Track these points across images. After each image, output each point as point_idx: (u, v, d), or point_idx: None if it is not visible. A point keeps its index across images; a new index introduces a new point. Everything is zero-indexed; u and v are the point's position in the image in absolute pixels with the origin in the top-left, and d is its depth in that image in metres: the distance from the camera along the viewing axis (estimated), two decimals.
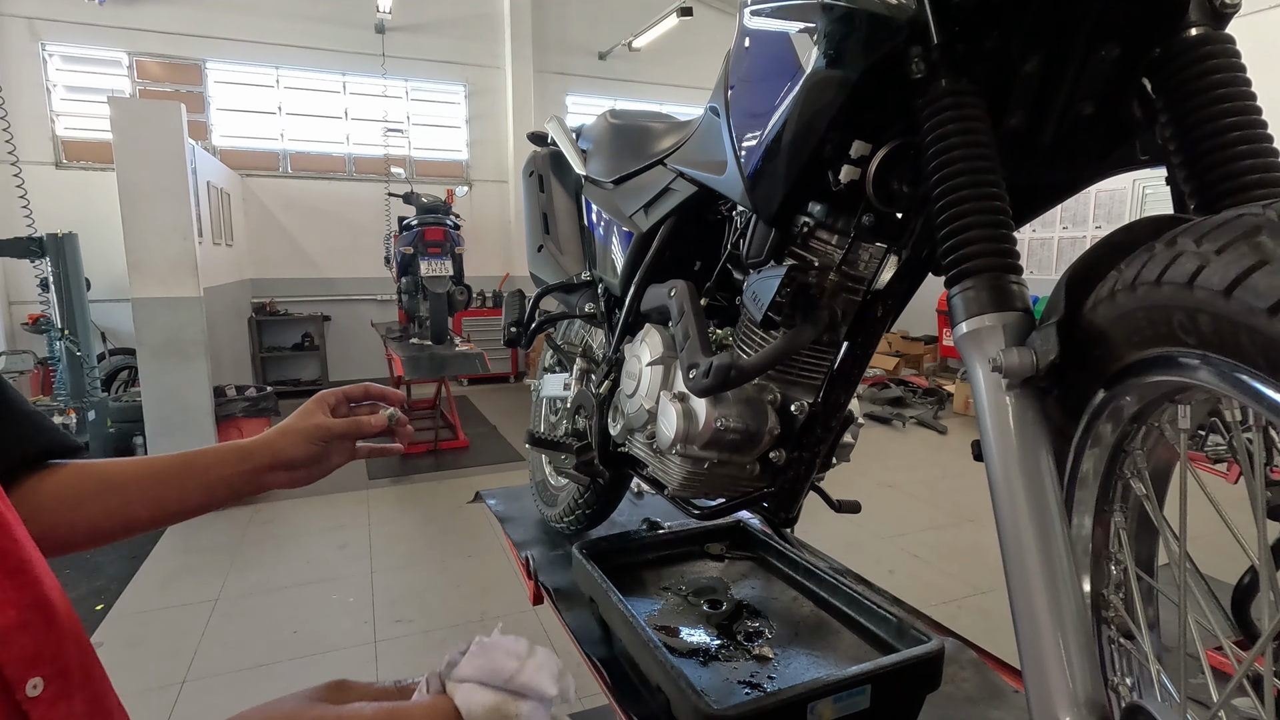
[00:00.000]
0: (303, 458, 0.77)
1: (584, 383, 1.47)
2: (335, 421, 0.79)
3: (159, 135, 3.94)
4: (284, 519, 4.11)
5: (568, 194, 1.71)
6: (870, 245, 0.89)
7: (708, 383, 0.89)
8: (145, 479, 0.71)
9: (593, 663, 1.22)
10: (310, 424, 0.78)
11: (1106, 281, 0.51)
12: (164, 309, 4.02)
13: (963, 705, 1.13)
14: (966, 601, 3.14)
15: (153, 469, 0.72)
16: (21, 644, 0.44)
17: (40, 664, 0.45)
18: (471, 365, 4.83)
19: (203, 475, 0.73)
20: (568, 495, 1.70)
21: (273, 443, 0.77)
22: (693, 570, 1.42)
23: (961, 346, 0.62)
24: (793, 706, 0.90)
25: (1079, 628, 0.51)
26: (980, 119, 0.67)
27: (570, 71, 8.49)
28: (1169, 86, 0.64)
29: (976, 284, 0.62)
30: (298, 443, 0.77)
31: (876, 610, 1.16)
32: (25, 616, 0.45)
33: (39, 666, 0.45)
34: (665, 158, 1.27)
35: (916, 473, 4.90)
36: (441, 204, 5.50)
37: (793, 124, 0.80)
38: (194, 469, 0.73)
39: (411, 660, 2.68)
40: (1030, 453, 0.56)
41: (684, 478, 1.06)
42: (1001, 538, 0.57)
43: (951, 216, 0.65)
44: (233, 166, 6.85)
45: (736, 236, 1.06)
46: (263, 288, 7.51)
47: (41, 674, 0.45)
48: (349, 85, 7.64)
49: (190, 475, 0.73)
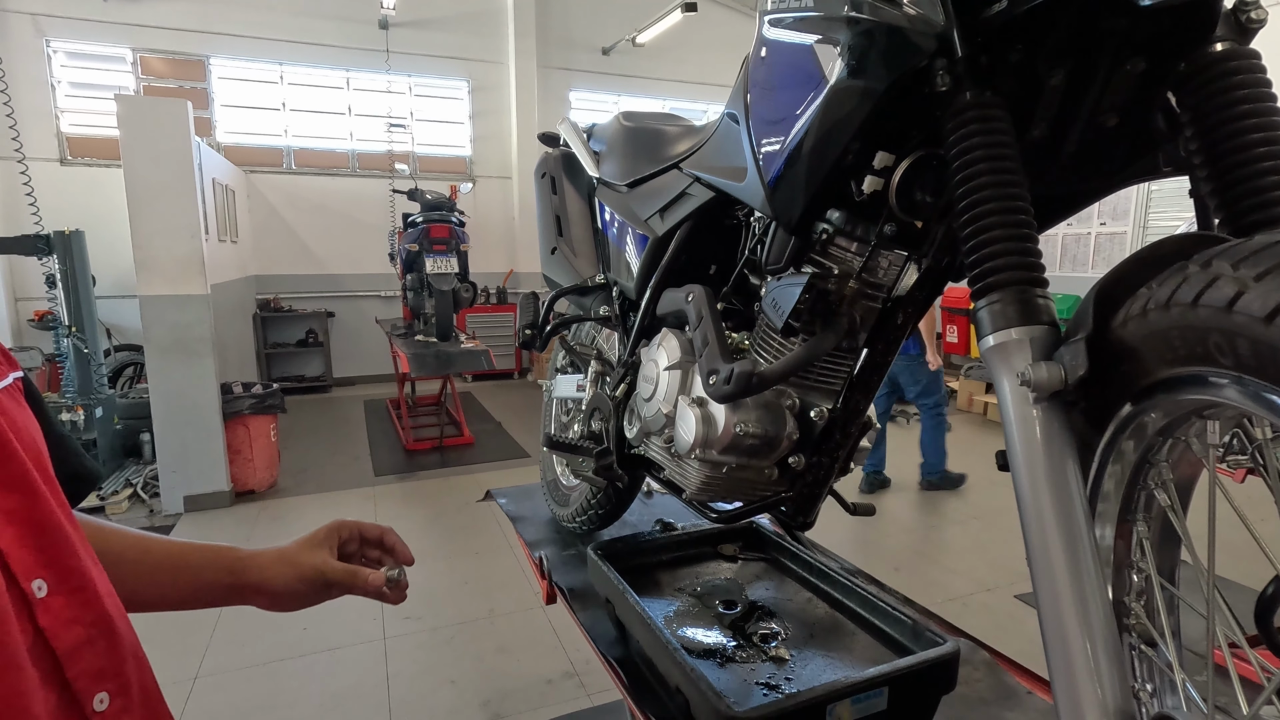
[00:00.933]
0: (288, 594, 0.75)
1: (599, 385, 1.48)
2: (334, 569, 0.76)
3: (166, 133, 3.94)
4: (292, 516, 4.13)
5: (580, 196, 1.71)
6: (890, 253, 0.89)
7: (729, 389, 0.90)
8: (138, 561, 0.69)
9: (609, 663, 1.23)
10: (309, 564, 0.75)
11: (1138, 299, 0.51)
12: (172, 307, 4.03)
13: (976, 706, 1.15)
14: (972, 599, 3.16)
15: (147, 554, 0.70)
16: (89, 659, 0.45)
17: (105, 679, 0.47)
18: (477, 362, 4.85)
19: (191, 577, 0.72)
20: (580, 495, 1.71)
21: (266, 569, 0.74)
22: (706, 571, 1.43)
23: (988, 359, 0.63)
24: (812, 708, 0.91)
25: (1107, 638, 0.52)
26: (1005, 131, 0.68)
27: (574, 67, 8.47)
28: (1194, 100, 0.65)
29: (1003, 297, 0.63)
30: (291, 580, 0.75)
31: (891, 612, 1.17)
32: (91, 633, 0.46)
33: (104, 681, 0.46)
34: (681, 162, 1.27)
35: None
36: (446, 200, 5.50)
37: (816, 133, 0.81)
38: (185, 568, 0.72)
39: (421, 658, 2.70)
40: (1057, 465, 0.57)
41: (702, 482, 1.07)
42: (1029, 548, 0.58)
43: (977, 230, 0.66)
44: (237, 163, 6.86)
45: (754, 242, 1.06)
46: (267, 284, 7.52)
47: (107, 689, 0.46)
48: (352, 81, 7.63)
49: (179, 572, 0.71)
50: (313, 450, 5.39)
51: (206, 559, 0.73)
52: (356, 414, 6.62)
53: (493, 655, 2.74)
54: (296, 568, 0.75)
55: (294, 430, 5.86)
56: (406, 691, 2.52)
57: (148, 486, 4.33)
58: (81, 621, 0.46)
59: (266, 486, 4.45)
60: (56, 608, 0.45)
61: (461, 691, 2.53)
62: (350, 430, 6.02)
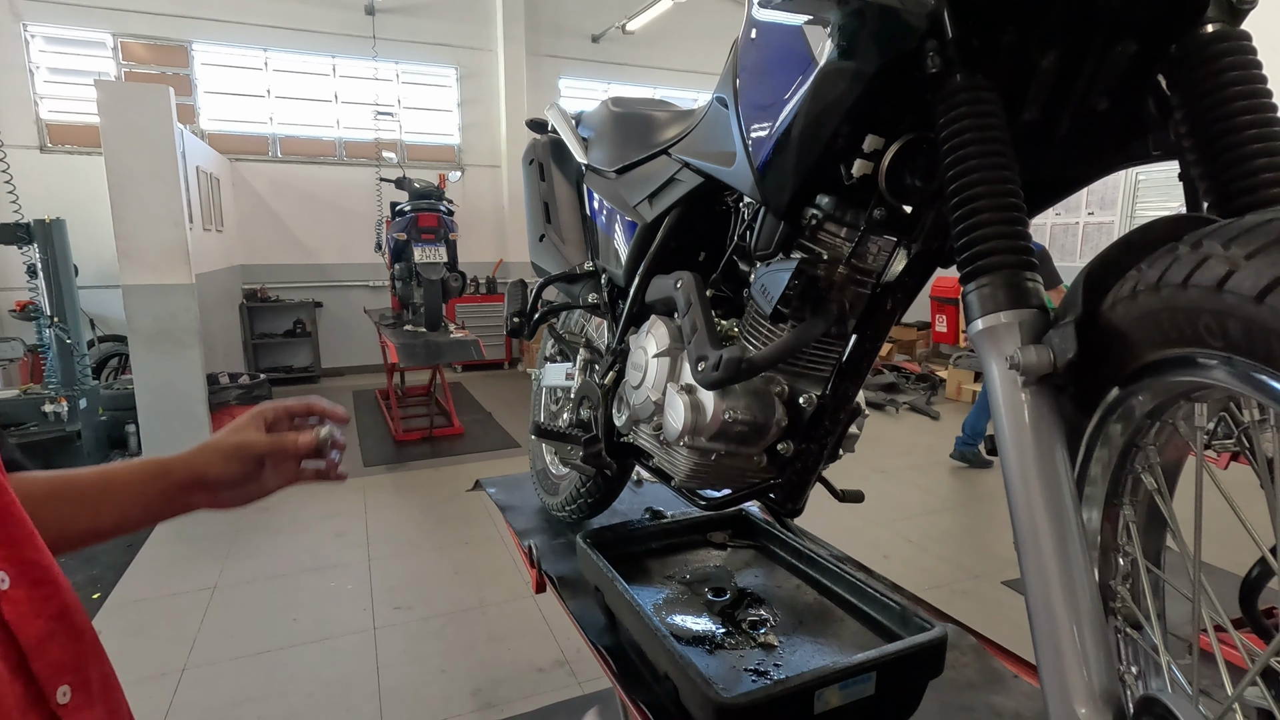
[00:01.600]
0: (224, 477, 0.71)
1: (588, 373, 1.47)
2: (256, 439, 0.73)
3: (147, 119, 3.88)
4: (279, 507, 4.10)
5: (569, 182, 1.70)
6: (880, 239, 0.89)
7: (717, 376, 0.89)
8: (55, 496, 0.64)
9: (598, 651, 1.23)
10: (231, 441, 0.72)
11: (1127, 281, 0.51)
12: (156, 296, 3.98)
13: (964, 691, 1.15)
14: (959, 585, 3.19)
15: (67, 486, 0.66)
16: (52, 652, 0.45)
17: (67, 672, 0.46)
18: (466, 352, 4.82)
19: (117, 493, 0.68)
20: (569, 484, 1.71)
21: (191, 459, 0.71)
22: (696, 559, 1.43)
23: (977, 343, 0.63)
24: (800, 694, 0.91)
25: (1094, 622, 0.52)
26: (996, 114, 0.67)
27: (563, 54, 8.39)
28: (1185, 83, 0.64)
29: (992, 281, 0.62)
30: (216, 460, 0.71)
31: (878, 598, 1.17)
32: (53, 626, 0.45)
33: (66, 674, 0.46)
34: (670, 147, 1.26)
35: (909, 459, 4.94)
36: (434, 189, 5.45)
37: (805, 117, 0.80)
38: (109, 487, 0.68)
39: (411, 647, 2.70)
40: (1046, 449, 0.57)
41: (691, 469, 1.06)
42: (1017, 532, 0.57)
43: (967, 213, 0.65)
44: (222, 151, 6.76)
45: (744, 228, 1.05)
46: (253, 274, 7.44)
47: (68, 682, 0.46)
48: (339, 68, 7.53)
49: (104, 494, 0.67)
50: None
51: (133, 472, 0.69)
52: (345, 404, 6.57)
53: (484, 644, 2.74)
54: (220, 450, 0.72)
55: None
56: (397, 681, 2.51)
57: None
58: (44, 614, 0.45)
59: None
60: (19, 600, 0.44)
61: (452, 680, 2.53)
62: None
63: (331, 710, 2.34)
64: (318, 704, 2.36)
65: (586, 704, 2.39)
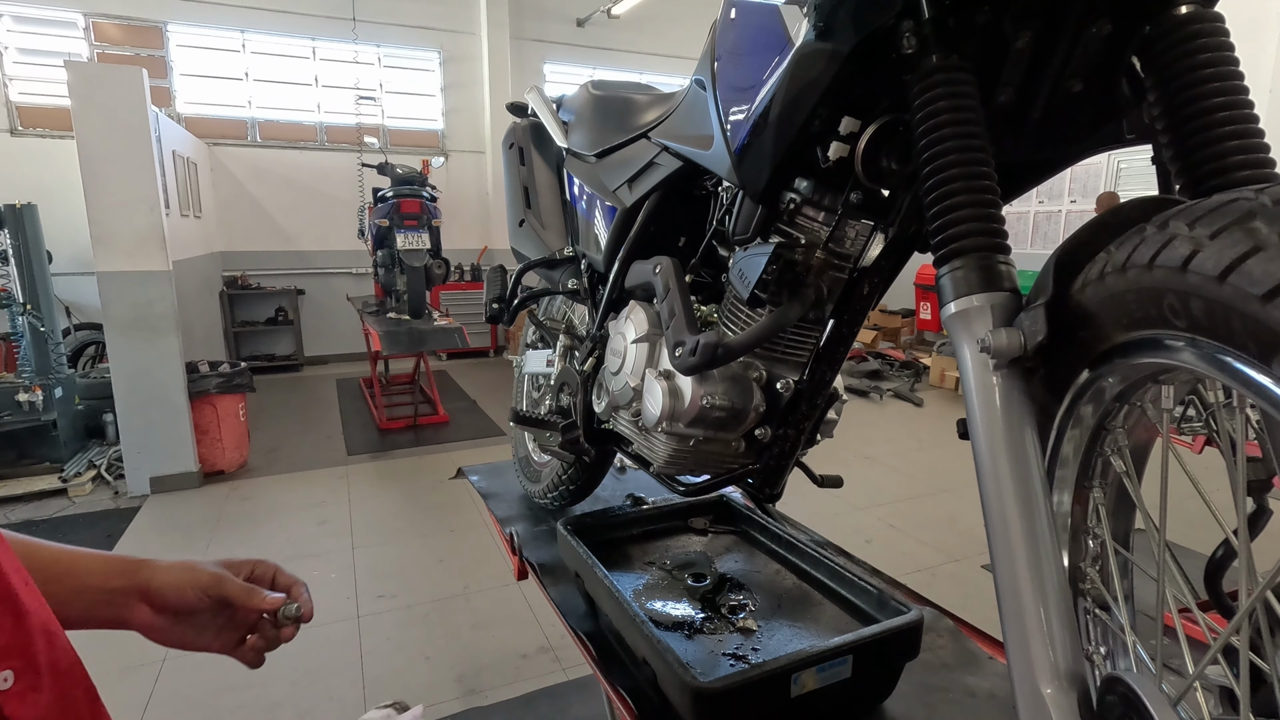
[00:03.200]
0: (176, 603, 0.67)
1: (567, 359, 1.46)
2: (233, 584, 0.70)
3: (121, 102, 3.78)
4: (261, 495, 4.07)
5: (549, 167, 1.68)
6: (857, 223, 0.88)
7: (694, 361, 0.89)
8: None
9: (578, 637, 1.23)
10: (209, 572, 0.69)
11: (1096, 263, 0.51)
12: (132, 283, 3.90)
13: (940, 672, 1.17)
14: (941, 569, 3.22)
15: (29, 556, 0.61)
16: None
17: (9, 657, 0.45)
18: (450, 340, 4.79)
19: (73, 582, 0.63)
20: (551, 472, 1.70)
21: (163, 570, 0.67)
22: (676, 545, 1.43)
23: (950, 326, 0.63)
24: (777, 678, 0.92)
25: (1061, 602, 0.53)
26: (971, 95, 0.67)
27: (548, 39, 8.29)
28: (1158, 65, 0.64)
29: (965, 264, 0.62)
30: (182, 585, 0.67)
31: (857, 582, 1.18)
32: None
33: (8, 659, 0.45)
34: (649, 131, 1.24)
35: (893, 445, 4.98)
36: (417, 175, 5.38)
37: (781, 98, 0.79)
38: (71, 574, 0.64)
39: (395, 635, 2.69)
40: (1016, 432, 0.57)
41: (669, 455, 1.06)
42: (986, 514, 0.58)
43: (941, 195, 0.65)
44: (199, 135, 6.63)
45: (722, 213, 1.05)
46: (233, 261, 7.33)
47: (11, 666, 0.45)
48: (319, 51, 7.40)
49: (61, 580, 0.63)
50: (284, 430, 5.31)
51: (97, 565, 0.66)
52: (329, 393, 6.52)
53: (468, 631, 2.74)
54: (194, 574, 0.69)
55: (265, 410, 5.76)
56: (381, 668, 2.51)
57: (112, 468, 4.23)
58: None
59: (236, 467, 4.37)
60: None
61: (436, 667, 2.53)
62: (322, 409, 5.93)
63: (315, 698, 2.33)
64: (301, 692, 2.35)
65: (570, 690, 2.40)
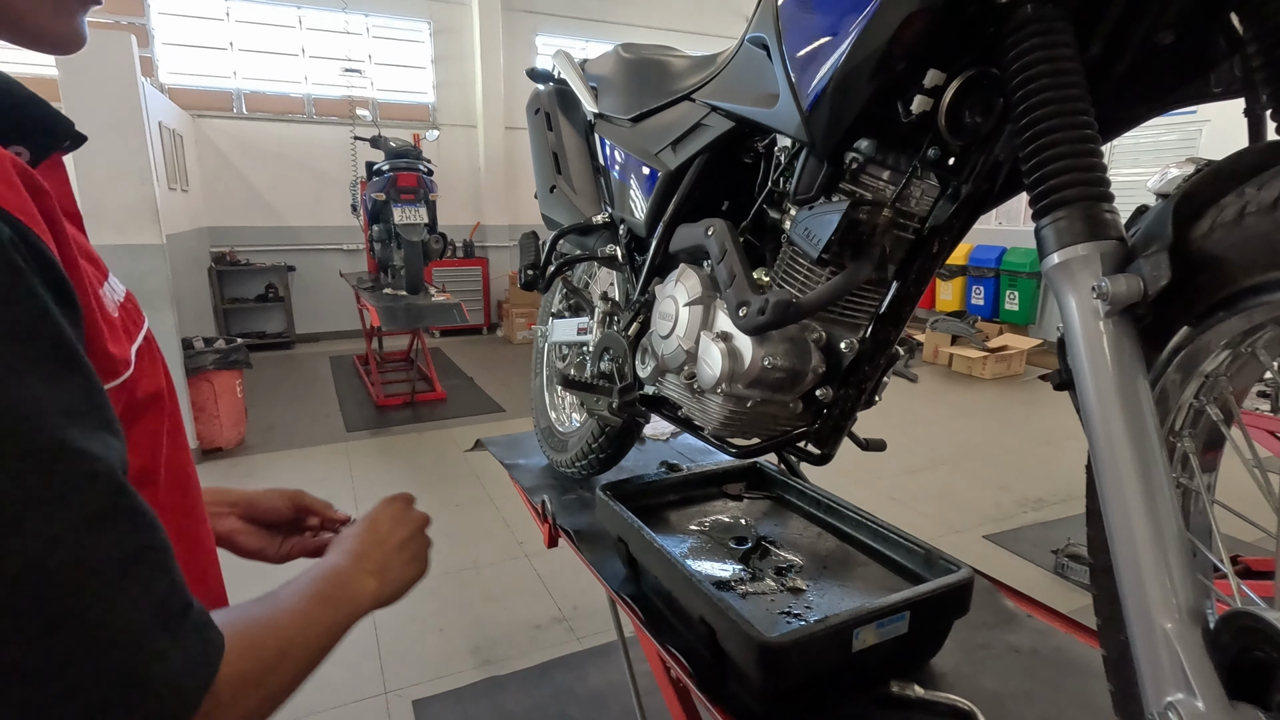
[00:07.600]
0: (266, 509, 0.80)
1: (606, 325, 1.46)
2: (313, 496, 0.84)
3: (109, 70, 3.67)
4: (263, 472, 4.04)
5: (577, 132, 1.65)
6: (926, 180, 0.88)
7: (764, 319, 0.88)
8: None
9: (624, 599, 1.24)
10: (292, 488, 0.83)
11: (1228, 206, 0.51)
12: (124, 257, 3.82)
13: (981, 630, 1.19)
14: (942, 540, 3.28)
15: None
16: None
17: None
18: (449, 316, 4.74)
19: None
20: (579, 440, 1.70)
21: (253, 491, 0.80)
22: (713, 510, 1.44)
23: (1053, 277, 0.63)
24: (840, 632, 0.93)
25: (1179, 542, 0.54)
26: (1069, 45, 0.66)
27: (541, 10, 8.15)
28: (1261, 14, 0.64)
29: (1070, 214, 0.62)
30: (271, 494, 0.81)
31: (902, 542, 1.20)
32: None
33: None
34: (693, 92, 1.23)
35: (890, 419, 5.03)
36: (412, 148, 5.29)
37: (864, 51, 0.78)
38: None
39: (408, 608, 2.68)
40: (1128, 380, 0.57)
41: (725, 417, 1.06)
42: (1097, 462, 0.58)
43: (1041, 146, 0.65)
44: (183, 106, 6.46)
45: (780, 173, 1.04)
46: (221, 236, 7.19)
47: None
48: (305, 20, 7.21)
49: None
50: (280, 407, 5.26)
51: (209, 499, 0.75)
52: (323, 370, 6.45)
53: (480, 604, 2.75)
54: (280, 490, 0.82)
55: (259, 387, 5.69)
56: (395, 639, 2.52)
57: None
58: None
59: (234, 444, 4.33)
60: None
61: (450, 639, 2.54)
62: (318, 387, 5.87)
63: (332, 668, 2.33)
64: None
65: (587, 659, 2.42)
